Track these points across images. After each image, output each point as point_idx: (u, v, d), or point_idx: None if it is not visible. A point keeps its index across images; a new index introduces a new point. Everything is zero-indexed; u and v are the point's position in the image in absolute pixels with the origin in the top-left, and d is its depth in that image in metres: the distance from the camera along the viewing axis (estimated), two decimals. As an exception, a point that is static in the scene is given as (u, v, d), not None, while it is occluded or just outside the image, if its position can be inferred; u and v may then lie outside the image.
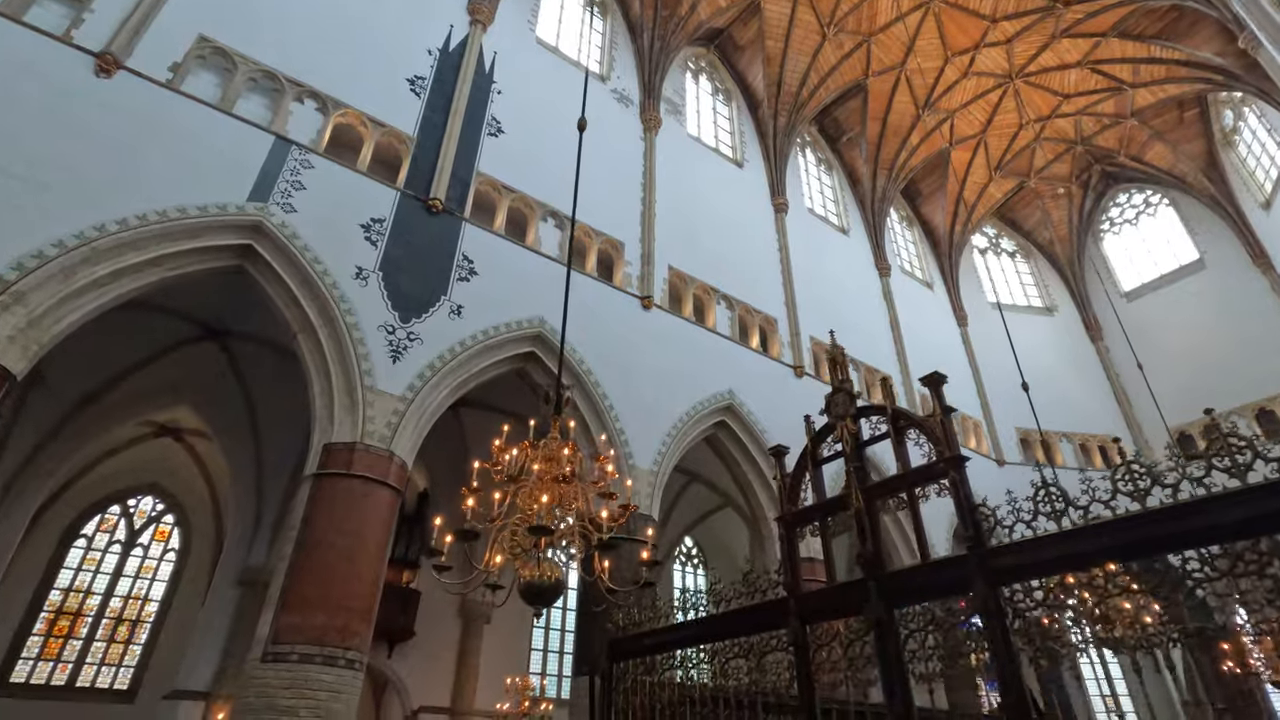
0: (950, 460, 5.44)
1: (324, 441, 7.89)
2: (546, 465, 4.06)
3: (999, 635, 4.65)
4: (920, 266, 20.75)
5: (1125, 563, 4.24)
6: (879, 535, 5.79)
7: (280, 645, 6.75)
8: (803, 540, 6.56)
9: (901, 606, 5.42)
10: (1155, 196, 21.24)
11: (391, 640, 12.42)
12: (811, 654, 5.85)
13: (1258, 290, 17.89)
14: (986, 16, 17.33)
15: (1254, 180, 17.90)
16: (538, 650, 14.59)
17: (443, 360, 9.03)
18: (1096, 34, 17.29)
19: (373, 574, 7.53)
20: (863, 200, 19.63)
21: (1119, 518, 4.24)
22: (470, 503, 3.90)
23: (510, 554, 3.87)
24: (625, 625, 8.26)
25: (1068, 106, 19.44)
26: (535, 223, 11.33)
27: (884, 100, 18.81)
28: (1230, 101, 18.27)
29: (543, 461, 4.05)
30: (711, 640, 6.93)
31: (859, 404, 6.41)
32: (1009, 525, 4.90)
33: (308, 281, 8.42)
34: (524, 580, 3.67)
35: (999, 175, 21.09)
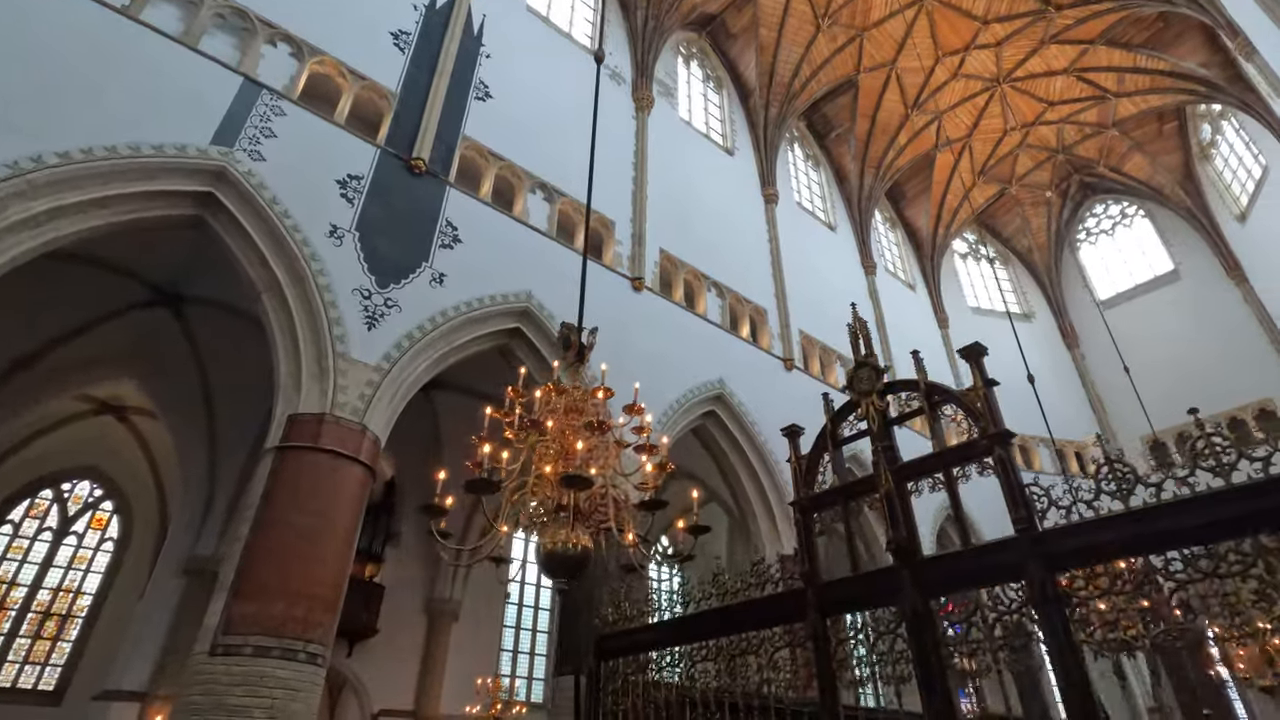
0: (995, 436, 4.98)
1: (289, 412, 7.11)
2: (571, 416, 3.45)
3: (1059, 626, 4.19)
4: (904, 268, 20.63)
5: (1209, 545, 3.81)
6: (912, 519, 5.30)
7: (232, 637, 5.96)
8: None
9: (939, 597, 4.94)
10: (1131, 208, 21.52)
11: (352, 638, 11.54)
12: (833, 649, 5.33)
13: (1231, 302, 18.16)
14: (979, 17, 17.28)
15: (1230, 193, 18.20)
16: (508, 651, 13.81)
17: (422, 330, 8.31)
18: (1085, 41, 17.38)
19: (340, 559, 6.77)
20: (849, 198, 19.41)
21: (1211, 492, 3.82)
22: (486, 449, 3.26)
23: (528, 520, 3.25)
24: (615, 620, 7.65)
25: (1052, 114, 19.54)
26: (523, 194, 10.68)
27: (874, 97, 18.63)
28: (1209, 115, 18.57)
29: (566, 412, 3.43)
30: (715, 636, 6.35)
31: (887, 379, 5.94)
32: (1066, 505, 4.45)
33: (276, 237, 7.63)
34: (545, 549, 3.05)
35: (982, 180, 21.13)
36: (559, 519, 3.15)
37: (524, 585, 14.71)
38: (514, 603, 14.25)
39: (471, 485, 2.88)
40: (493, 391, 11.95)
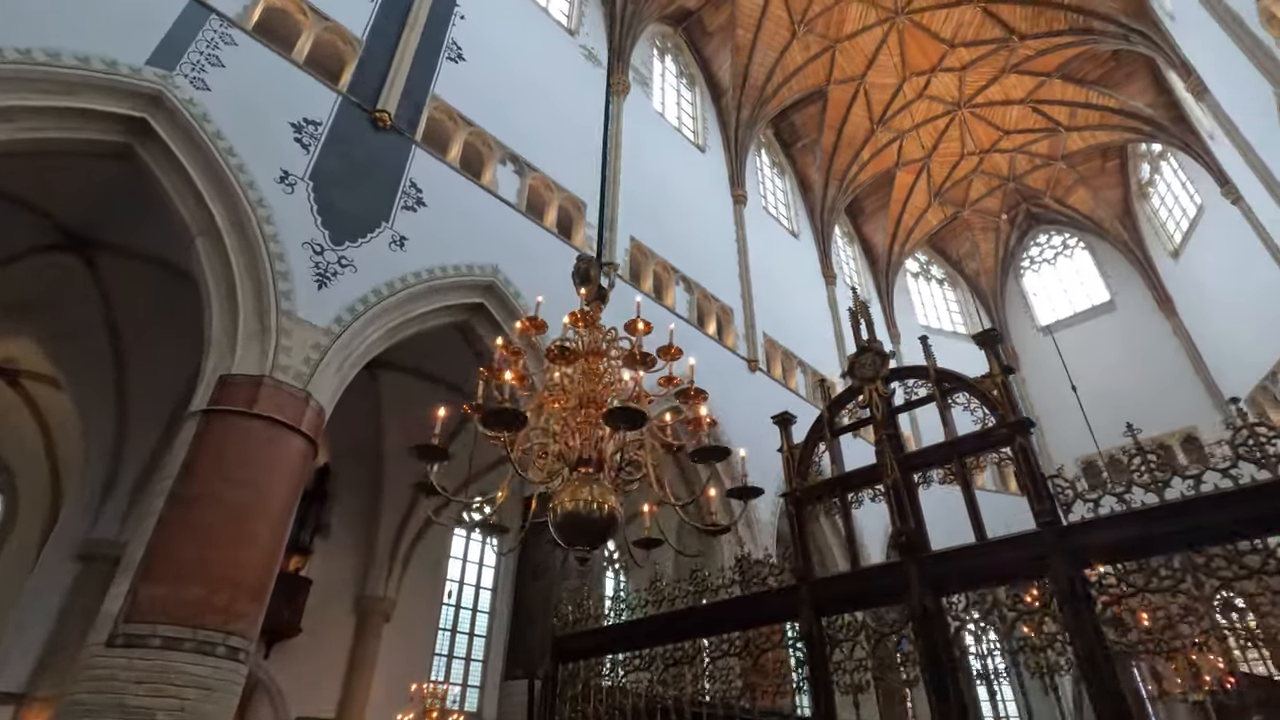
0: (1015, 424, 4.69)
1: (221, 372, 6.24)
2: (591, 360, 2.90)
3: (1088, 626, 3.89)
4: (860, 283, 20.84)
5: (1256, 539, 3.57)
6: (920, 512, 4.96)
7: (137, 625, 5.08)
8: (815, 521, 5.65)
9: (950, 594, 4.59)
10: (1073, 239, 22.45)
11: (271, 637, 10.45)
12: (829, 651, 4.91)
13: (1162, 333, 19.06)
14: (946, 40, 17.65)
15: (1164, 231, 19.15)
16: (442, 655, 12.90)
17: (379, 295, 7.55)
18: (1042, 73, 17.99)
19: (273, 540, 5.94)
20: (812, 208, 19.47)
21: (1259, 484, 3.59)
22: (509, 375, 2.68)
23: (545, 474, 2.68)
24: (577, 620, 7.06)
25: (1006, 142, 20.18)
26: (493, 164, 10.02)
27: (842, 110, 18.78)
28: (1148, 155, 19.53)
29: (587, 356, 2.88)
30: (693, 636, 5.86)
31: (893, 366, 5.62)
32: (1093, 498, 4.18)
33: (217, 176, 6.76)
34: (564, 510, 2.49)
35: (937, 202, 21.62)
36: (576, 476, 2.59)
37: (463, 586, 13.84)
38: (451, 604, 13.35)
39: (491, 417, 2.29)
40: (443, 375, 11.24)
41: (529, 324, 2.95)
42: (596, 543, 2.60)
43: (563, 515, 2.50)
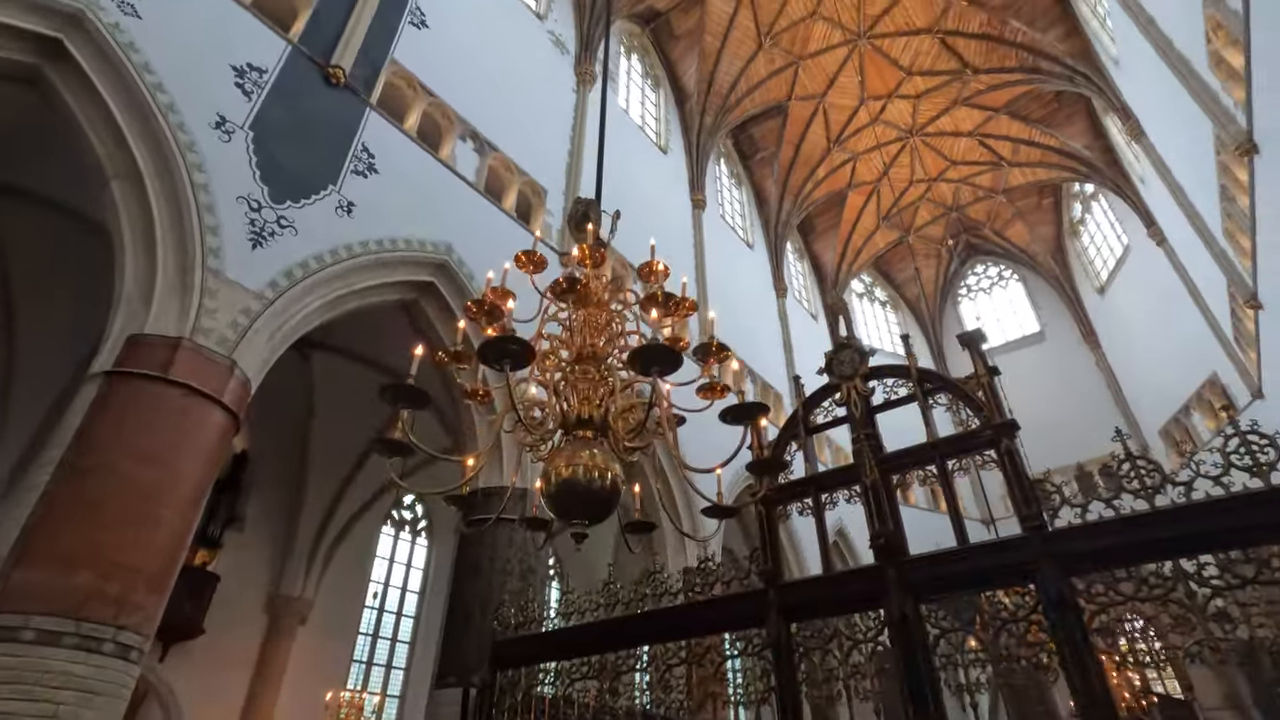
0: (1001, 426, 4.56)
1: (132, 332, 5.50)
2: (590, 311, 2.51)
3: (1077, 635, 3.73)
4: (808, 298, 21.07)
5: (1249, 550, 3.50)
6: (899, 514, 4.76)
7: (7, 616, 4.32)
8: (784, 521, 5.38)
9: (930, 600, 4.38)
10: (1008, 271, 23.41)
11: (169, 637, 9.42)
12: (797, 659, 4.63)
13: (1086, 365, 20.02)
14: (904, 68, 18.12)
15: (1093, 268, 20.16)
16: (360, 662, 12.02)
17: (321, 262, 6.91)
18: (991, 108, 18.69)
19: (180, 524, 5.23)
20: (767, 221, 19.57)
21: (1248, 494, 3.52)
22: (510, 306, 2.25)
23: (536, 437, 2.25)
24: (519, 624, 6.58)
25: (953, 173, 20.87)
26: (452, 139, 9.47)
27: (801, 126, 18.99)
28: (1081, 195, 20.57)
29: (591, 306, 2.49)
30: (648, 642, 5.48)
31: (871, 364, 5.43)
32: (1081, 504, 4.05)
33: (142, 112, 6.02)
34: (560, 478, 2.09)
35: (885, 225, 22.14)
36: (574, 440, 2.20)
37: (388, 587, 12.99)
38: (375, 607, 12.50)
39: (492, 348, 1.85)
40: (383, 359, 10.52)
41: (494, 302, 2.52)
42: (596, 516, 2.20)
43: (558, 484, 2.10)
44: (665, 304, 2.33)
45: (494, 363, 1.86)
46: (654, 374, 1.88)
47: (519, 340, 1.86)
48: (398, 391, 2.03)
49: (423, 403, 2.09)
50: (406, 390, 2.03)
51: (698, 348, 2.32)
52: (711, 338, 2.26)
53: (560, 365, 2.43)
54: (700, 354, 2.32)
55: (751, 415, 2.12)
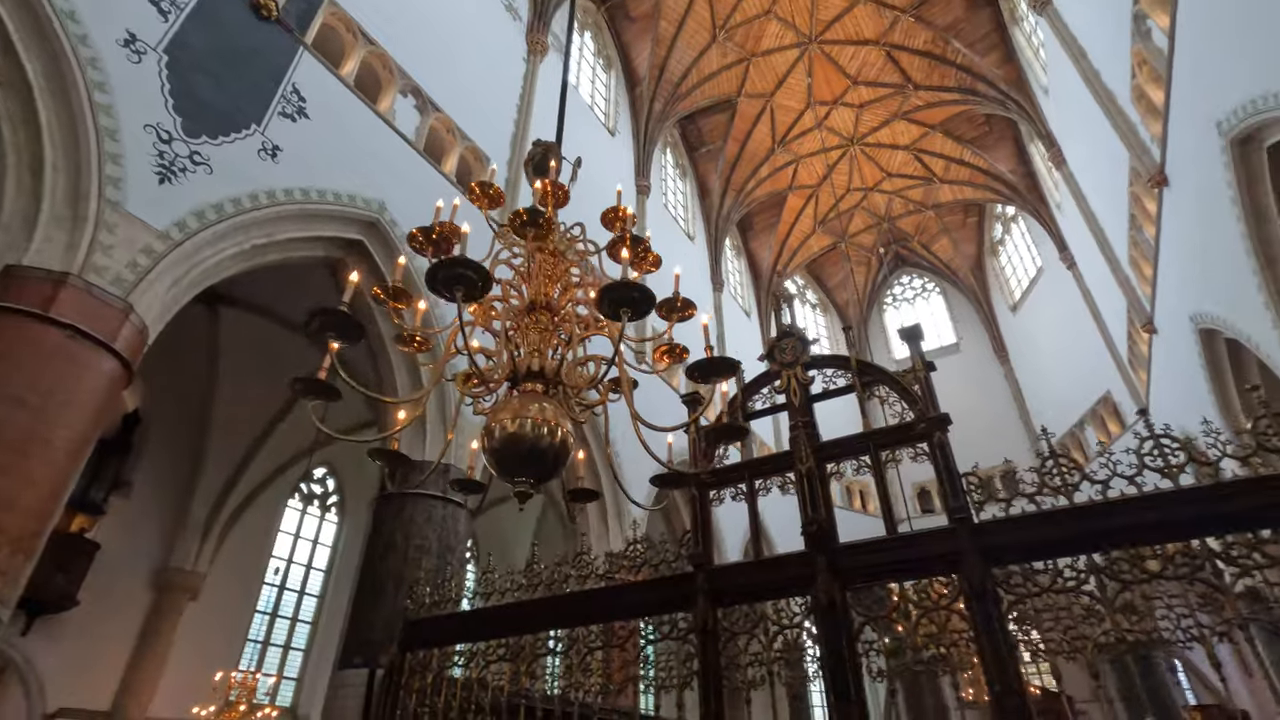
0: (935, 420, 4.64)
1: (9, 262, 4.88)
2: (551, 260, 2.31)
3: (994, 624, 3.83)
4: (743, 295, 21.33)
5: (1157, 545, 3.67)
6: (831, 502, 4.78)
7: None
8: (717, 506, 5.33)
9: (857, 586, 4.42)
10: (931, 284, 24.45)
11: (34, 609, 8.55)
12: (722, 644, 4.59)
13: (996, 377, 21.16)
14: (851, 76, 18.53)
15: (1008, 286, 21.30)
16: (255, 642, 11.32)
17: (238, 206, 6.35)
18: (928, 125, 19.40)
19: (54, 481, 4.68)
20: (709, 215, 19.66)
21: (1167, 492, 3.70)
22: (465, 230, 2.01)
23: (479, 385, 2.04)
24: (434, 603, 6.32)
25: (888, 184, 21.56)
26: (392, 92, 8.95)
27: (748, 123, 19.14)
28: (1003, 217, 21.67)
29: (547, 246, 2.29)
30: (572, 624, 5.33)
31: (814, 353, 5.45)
32: (1006, 498, 4.18)
33: (35, 18, 5.33)
34: (504, 432, 1.89)
35: (820, 230, 22.67)
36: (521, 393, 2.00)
37: (291, 564, 12.29)
38: (276, 584, 11.79)
39: (446, 271, 1.62)
40: (299, 320, 9.87)
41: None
42: (543, 474, 2.02)
43: (503, 438, 1.91)
44: (635, 248, 2.15)
45: (446, 289, 1.65)
46: (624, 316, 1.71)
47: (476, 266, 1.65)
48: (328, 319, 1.78)
49: (356, 335, 1.84)
50: (337, 319, 1.78)
51: (661, 302, 2.17)
52: (676, 293, 2.11)
53: (511, 313, 2.22)
54: (664, 310, 2.16)
55: (722, 371, 1.98)
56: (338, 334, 1.82)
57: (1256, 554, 3.48)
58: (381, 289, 2.13)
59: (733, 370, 1.98)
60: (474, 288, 1.65)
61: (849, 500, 20.14)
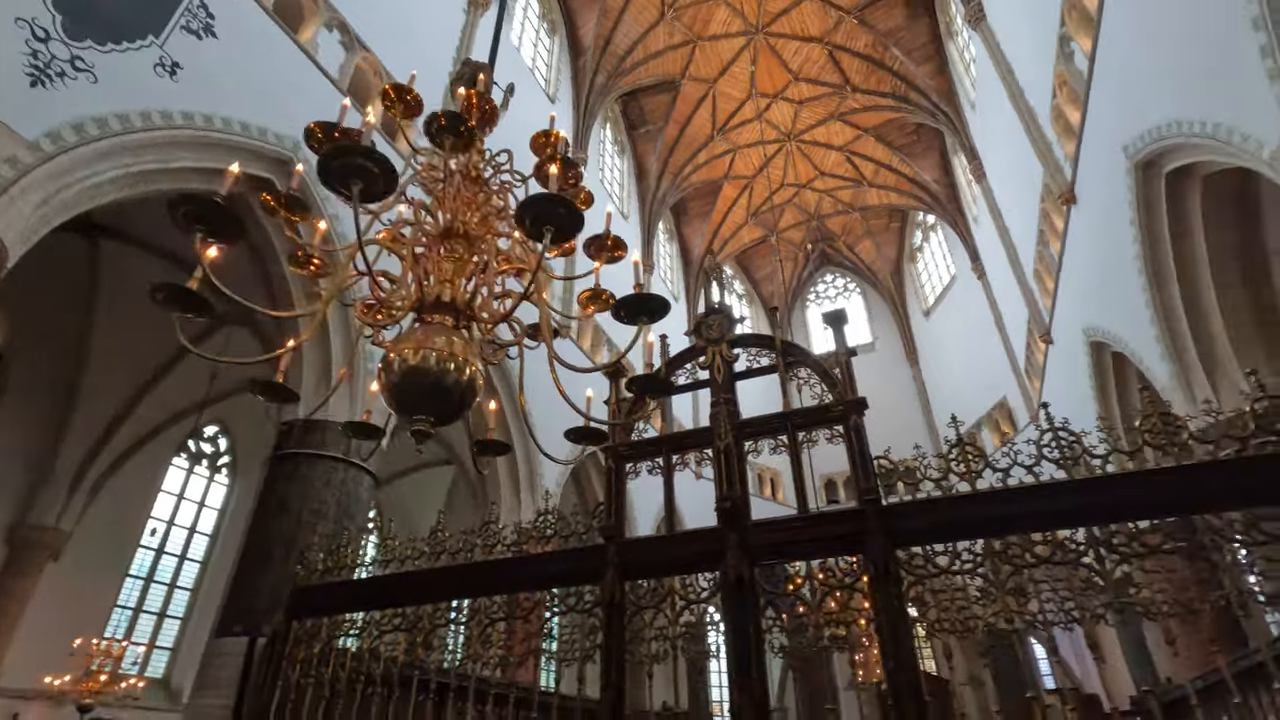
0: (852, 403, 4.72)
1: None
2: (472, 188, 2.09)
3: (894, 603, 3.92)
4: (673, 279, 21.37)
5: (1048, 532, 3.84)
6: (746, 480, 4.77)
7: None
8: (635, 478, 5.24)
9: (767, 563, 4.45)
10: (852, 285, 25.28)
11: None
12: (628, 619, 4.52)
13: (905, 378, 22.15)
14: (793, 71, 18.75)
15: (923, 292, 22.28)
16: (126, 608, 10.46)
17: (126, 124, 5.70)
18: (862, 128, 19.92)
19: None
20: (644, 196, 19.52)
21: (1060, 483, 3.87)
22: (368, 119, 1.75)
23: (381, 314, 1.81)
24: (328, 569, 5.99)
25: (820, 183, 22.05)
26: (316, 23, 8.30)
27: (690, 107, 19.07)
28: (923, 225, 22.61)
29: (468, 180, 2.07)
30: (475, 594, 5.16)
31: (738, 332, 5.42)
32: (914, 481, 4.28)
33: (-121, -128, 4.55)
34: (404, 365, 1.69)
35: (752, 222, 22.97)
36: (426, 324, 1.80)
37: (172, 527, 11.41)
38: (153, 547, 10.92)
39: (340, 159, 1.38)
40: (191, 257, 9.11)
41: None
42: (446, 414, 1.82)
43: (404, 371, 1.69)
44: (565, 172, 1.98)
45: (340, 184, 1.42)
46: (546, 234, 1.54)
47: (377, 156, 1.42)
48: (196, 209, 1.49)
49: (233, 233, 1.58)
50: (209, 210, 1.50)
51: (588, 240, 2.01)
52: (607, 230, 1.96)
53: (423, 239, 2.00)
54: (592, 248, 2.00)
55: (652, 310, 1.84)
56: (210, 230, 1.55)
57: (1135, 543, 3.70)
58: (273, 196, 1.87)
59: (665, 308, 1.85)
60: (374, 183, 1.43)
61: (759, 488, 20.64)
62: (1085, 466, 3.91)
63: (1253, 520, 3.51)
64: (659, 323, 3.86)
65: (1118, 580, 3.67)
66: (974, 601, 3.90)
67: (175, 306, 1.63)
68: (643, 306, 1.83)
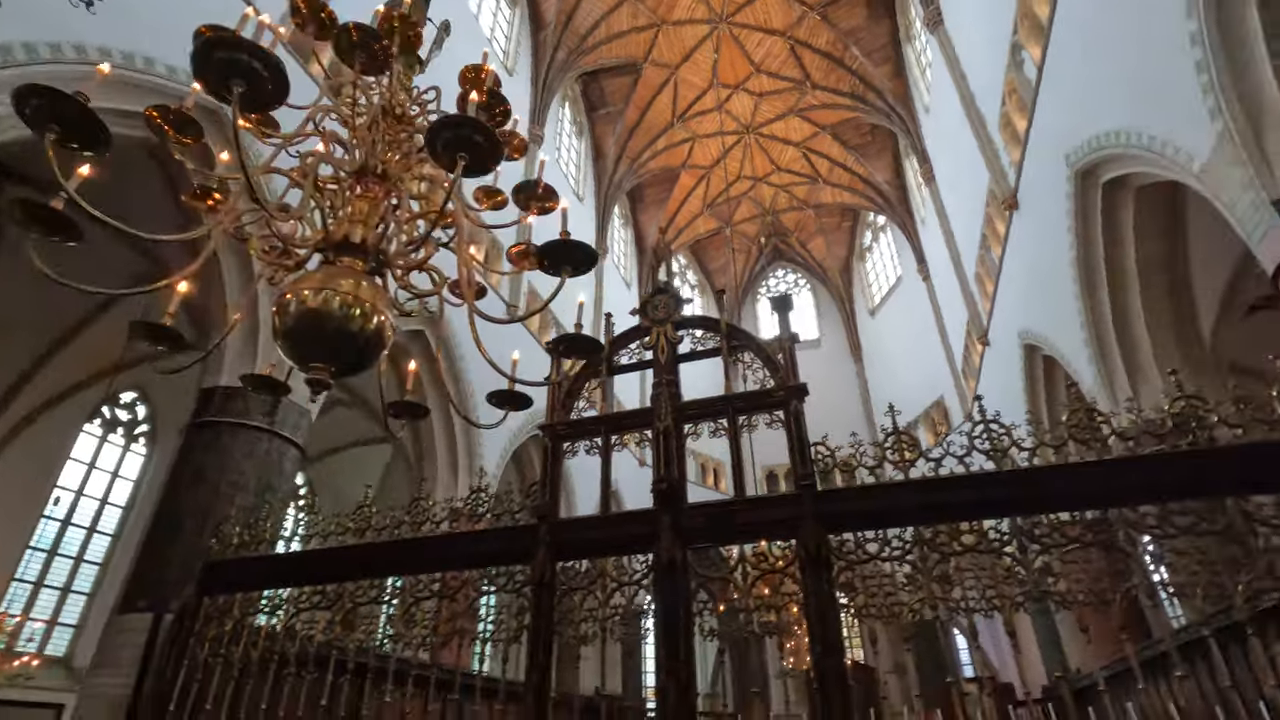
0: (793, 389, 4.70)
1: None
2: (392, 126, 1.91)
3: (824, 587, 3.93)
4: (626, 265, 21.23)
5: (975, 521, 3.90)
6: (684, 462, 4.72)
7: None
8: (572, 457, 5.12)
9: (701, 547, 4.40)
10: (803, 280, 25.63)
11: None
12: (557, 599, 4.43)
13: (849, 375, 22.62)
14: (755, 64, 18.77)
15: (870, 291, 22.75)
16: (26, 582, 9.78)
17: (32, 55, 5.25)
18: (819, 125, 20.11)
19: None
20: (600, 179, 19.29)
21: (985, 473, 3.92)
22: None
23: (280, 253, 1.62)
24: (244, 543, 5.71)
25: (776, 177, 22.20)
26: (256, -33, 7.78)
27: (651, 92, 18.89)
28: (874, 225, 23.05)
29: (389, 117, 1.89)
30: (402, 572, 4.97)
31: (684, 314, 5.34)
32: (850, 469, 4.30)
33: None
34: (302, 306, 1.52)
35: (708, 212, 22.99)
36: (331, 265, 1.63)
37: (80, 497, 10.72)
38: (58, 518, 10.24)
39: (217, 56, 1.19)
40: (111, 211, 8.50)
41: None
42: (347, 364, 1.66)
43: (299, 313, 1.52)
44: (492, 106, 1.82)
45: (220, 82, 1.24)
46: (460, 162, 1.39)
47: (265, 54, 1.24)
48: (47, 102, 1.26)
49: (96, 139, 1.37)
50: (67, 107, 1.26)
51: (518, 187, 1.86)
52: (539, 178, 1.82)
53: (332, 176, 1.82)
54: (522, 197, 1.85)
55: (577, 260, 1.71)
56: (70, 133, 1.33)
57: (1056, 534, 3.79)
58: (158, 111, 1.66)
59: (591, 260, 1.73)
60: (261, 88, 1.25)
61: (703, 477, 20.79)
62: (1013, 461, 3.99)
63: (1165, 514, 3.64)
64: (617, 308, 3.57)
65: (1037, 570, 3.77)
66: (901, 588, 3.95)
67: (36, 228, 1.41)
68: (567, 255, 1.70)
